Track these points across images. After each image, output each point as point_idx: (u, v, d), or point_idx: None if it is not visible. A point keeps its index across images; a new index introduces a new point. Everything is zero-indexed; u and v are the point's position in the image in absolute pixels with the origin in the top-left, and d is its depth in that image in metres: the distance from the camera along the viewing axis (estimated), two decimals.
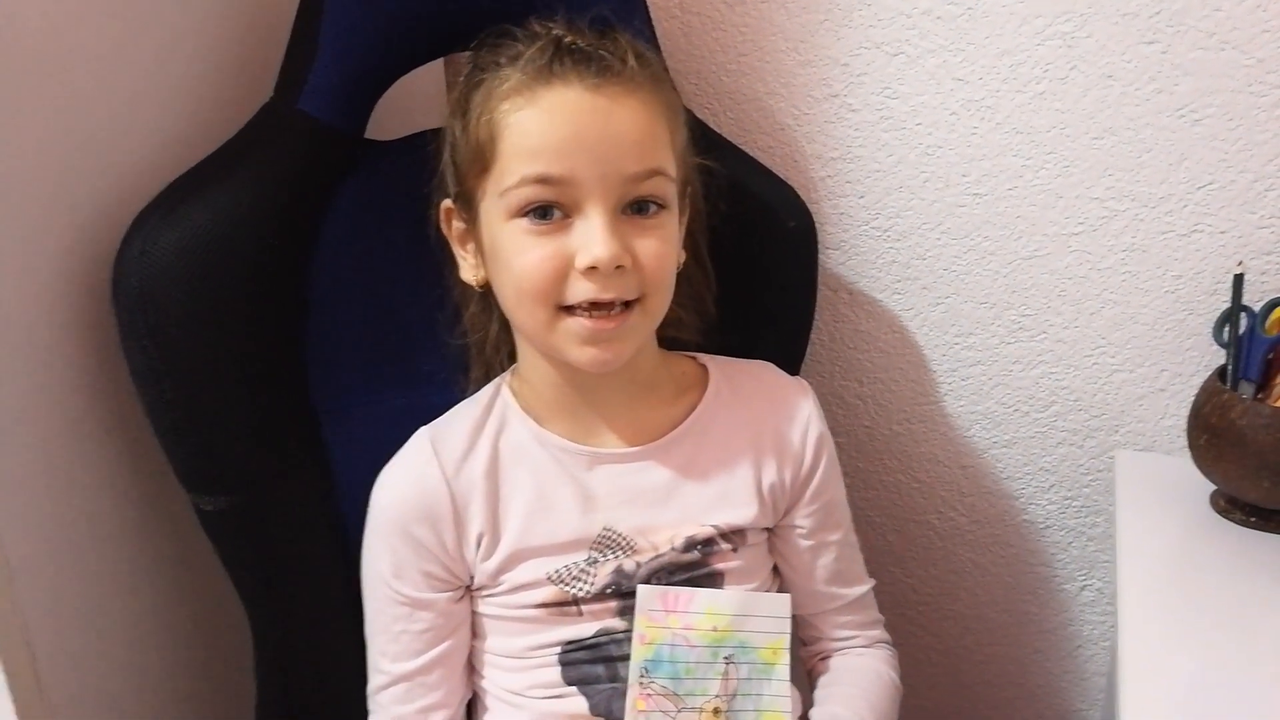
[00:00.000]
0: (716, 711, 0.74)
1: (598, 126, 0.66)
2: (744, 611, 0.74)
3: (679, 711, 0.73)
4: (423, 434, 0.76)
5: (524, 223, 0.67)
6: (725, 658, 0.73)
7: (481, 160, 0.69)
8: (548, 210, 0.67)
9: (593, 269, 0.66)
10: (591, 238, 0.66)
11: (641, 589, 0.72)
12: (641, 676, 0.72)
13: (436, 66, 1.01)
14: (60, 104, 0.70)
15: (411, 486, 0.74)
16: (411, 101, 0.89)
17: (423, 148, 0.80)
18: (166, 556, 0.84)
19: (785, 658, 0.75)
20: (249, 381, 0.75)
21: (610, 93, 0.67)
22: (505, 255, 0.69)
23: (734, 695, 0.74)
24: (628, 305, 0.69)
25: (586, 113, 0.66)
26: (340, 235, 0.81)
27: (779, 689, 0.75)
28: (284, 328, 0.78)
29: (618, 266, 0.66)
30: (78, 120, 0.71)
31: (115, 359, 0.73)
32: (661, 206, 0.70)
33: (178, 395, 0.72)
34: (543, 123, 0.66)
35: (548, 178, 0.66)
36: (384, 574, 0.74)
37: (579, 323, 0.68)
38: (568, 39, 0.68)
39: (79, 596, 0.76)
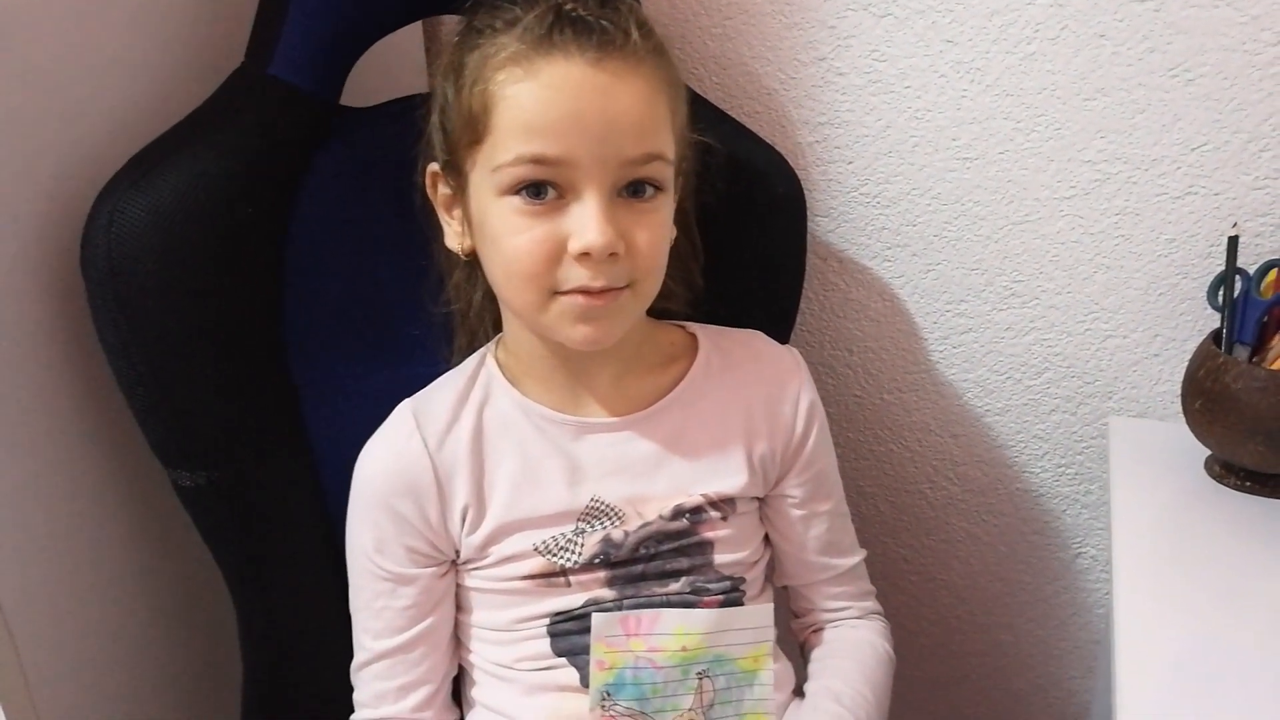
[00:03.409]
0: None
1: (598, 106, 0.64)
2: (719, 628, 0.71)
3: None
4: (405, 407, 0.75)
5: (516, 201, 0.65)
6: (698, 673, 0.71)
7: (473, 131, 0.66)
8: (541, 189, 0.65)
9: (585, 255, 0.64)
10: (586, 223, 0.64)
11: (597, 617, 0.69)
12: (603, 700, 0.69)
13: (415, 30, 0.99)
14: (25, 69, 0.68)
15: (394, 460, 0.73)
16: (389, 66, 0.88)
17: (401, 114, 0.78)
18: (147, 533, 0.83)
19: (768, 663, 0.72)
20: (224, 354, 0.74)
21: (612, 68, 0.64)
22: (495, 232, 0.67)
23: (711, 705, 0.72)
24: (620, 286, 0.67)
25: (587, 90, 0.63)
26: (316, 205, 0.79)
27: (762, 693, 0.72)
28: (260, 299, 0.77)
29: (611, 254, 0.65)
30: (44, 86, 0.70)
31: (88, 332, 0.71)
32: (658, 189, 0.68)
33: (150, 369, 0.70)
34: (540, 99, 0.63)
35: (543, 158, 0.64)
36: (366, 549, 0.73)
37: (572, 301, 0.66)
38: (568, 6, 0.65)
39: (56, 577, 0.75)
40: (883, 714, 0.79)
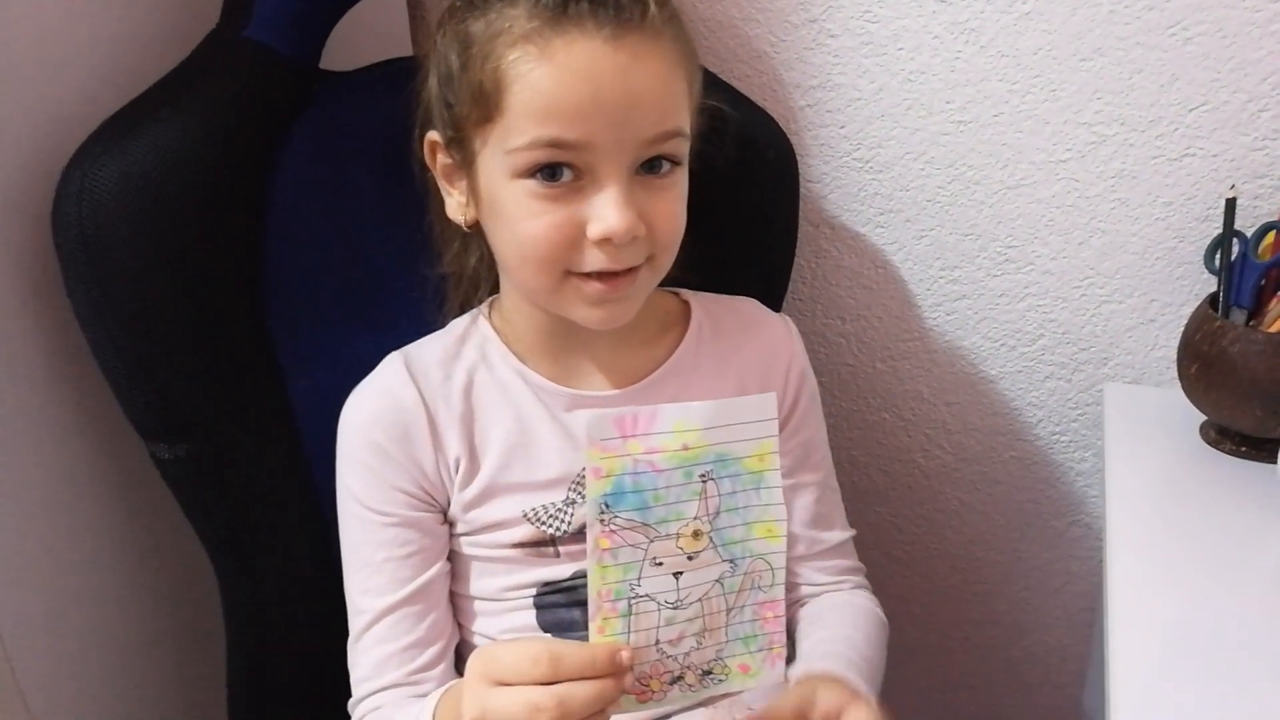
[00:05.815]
0: (697, 534, 0.65)
1: (617, 87, 0.61)
2: (719, 421, 0.64)
3: (651, 542, 0.65)
4: (395, 357, 0.74)
5: (531, 184, 0.63)
6: (702, 475, 0.65)
7: (484, 109, 0.63)
8: (557, 170, 0.63)
9: (606, 240, 0.63)
10: (606, 209, 0.63)
11: (589, 415, 0.61)
12: (601, 513, 0.63)
13: None
14: None
15: (386, 403, 0.71)
16: (370, 29, 0.86)
17: (384, 78, 0.76)
18: (127, 509, 0.82)
19: (775, 462, 0.66)
20: (203, 324, 0.72)
21: (630, 46, 0.62)
22: (509, 215, 0.65)
23: (717, 513, 0.65)
24: (639, 265, 0.66)
25: (606, 71, 0.61)
26: (296, 170, 0.77)
27: (771, 496, 0.66)
28: (239, 266, 0.75)
29: (633, 237, 0.64)
30: (12, 50, 0.68)
31: (61, 302, 0.70)
32: (675, 164, 0.67)
33: (126, 339, 0.69)
34: (557, 81, 0.61)
35: (561, 141, 0.62)
36: (360, 498, 0.71)
37: (591, 285, 0.65)
38: None
39: (35, 556, 0.74)
40: (880, 673, 0.78)
